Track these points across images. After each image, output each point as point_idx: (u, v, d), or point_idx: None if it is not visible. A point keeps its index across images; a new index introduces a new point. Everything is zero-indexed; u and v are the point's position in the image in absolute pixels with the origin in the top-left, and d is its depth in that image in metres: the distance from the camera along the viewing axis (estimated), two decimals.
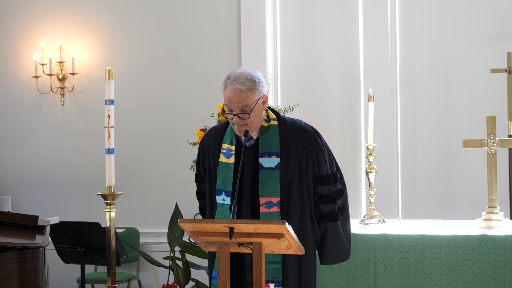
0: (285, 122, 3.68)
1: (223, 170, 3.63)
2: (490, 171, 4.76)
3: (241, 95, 3.52)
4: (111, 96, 4.62)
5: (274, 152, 3.60)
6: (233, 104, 3.53)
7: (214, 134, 3.77)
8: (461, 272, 4.33)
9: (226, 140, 3.68)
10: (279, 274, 3.56)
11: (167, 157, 7.08)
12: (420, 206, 6.53)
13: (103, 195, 4.65)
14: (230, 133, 3.68)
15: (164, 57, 7.11)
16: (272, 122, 3.66)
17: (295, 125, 3.69)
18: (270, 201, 3.56)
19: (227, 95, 3.55)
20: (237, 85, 3.52)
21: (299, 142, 3.63)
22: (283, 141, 3.62)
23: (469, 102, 6.42)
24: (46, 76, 7.30)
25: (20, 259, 4.63)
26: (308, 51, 6.80)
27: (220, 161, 3.66)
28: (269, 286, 3.52)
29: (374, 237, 4.46)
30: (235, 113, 3.53)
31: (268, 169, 3.59)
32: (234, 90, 3.52)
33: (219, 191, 3.63)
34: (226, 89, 3.56)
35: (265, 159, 3.60)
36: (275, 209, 3.55)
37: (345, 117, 6.69)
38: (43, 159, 7.44)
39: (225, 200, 3.60)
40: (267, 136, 3.62)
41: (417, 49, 6.57)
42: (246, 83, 3.53)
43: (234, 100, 3.52)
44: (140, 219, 7.11)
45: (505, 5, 6.37)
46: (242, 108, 3.52)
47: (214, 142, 3.73)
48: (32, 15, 7.44)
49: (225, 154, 3.65)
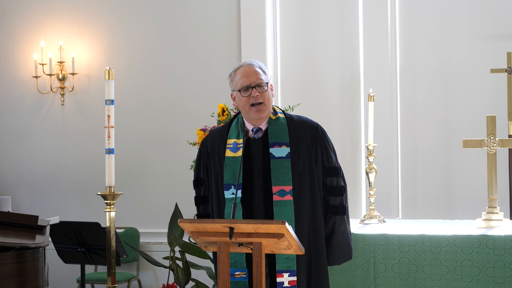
0: (291, 116, 3.75)
1: (230, 164, 3.63)
2: (490, 171, 4.76)
3: (255, 71, 3.61)
4: (111, 96, 4.62)
5: (284, 142, 3.62)
6: (250, 78, 3.59)
7: (217, 133, 3.79)
8: (461, 272, 4.32)
9: (231, 135, 3.69)
10: (293, 263, 3.56)
11: (167, 157, 7.08)
12: (420, 206, 6.53)
13: (103, 195, 4.64)
14: (235, 128, 3.69)
15: (164, 57, 7.11)
16: (279, 115, 3.69)
17: (301, 119, 3.76)
18: (283, 190, 3.57)
19: (241, 74, 3.61)
20: (249, 64, 3.63)
21: (307, 134, 3.68)
22: (292, 132, 3.65)
23: (469, 102, 6.42)
24: (46, 76, 7.31)
25: (20, 259, 4.62)
26: (308, 51, 6.80)
27: (226, 156, 3.66)
28: (283, 276, 3.51)
29: (374, 237, 4.46)
30: (253, 86, 3.58)
31: (279, 158, 3.60)
32: (250, 67, 3.62)
33: (228, 185, 3.62)
34: (238, 72, 3.64)
35: (276, 149, 3.61)
36: (288, 198, 3.56)
37: (345, 117, 6.69)
38: (43, 159, 7.44)
39: (234, 194, 3.59)
40: (276, 126, 3.65)
41: (417, 49, 6.57)
42: (256, 64, 3.65)
43: (251, 73, 3.60)
44: (140, 219, 7.11)
45: (505, 5, 6.37)
46: (259, 83, 3.59)
47: (219, 140, 3.73)
48: (32, 15, 7.45)
49: (232, 149, 3.65)
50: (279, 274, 3.53)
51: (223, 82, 6.87)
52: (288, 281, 3.53)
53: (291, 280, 3.53)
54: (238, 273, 3.50)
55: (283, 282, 3.52)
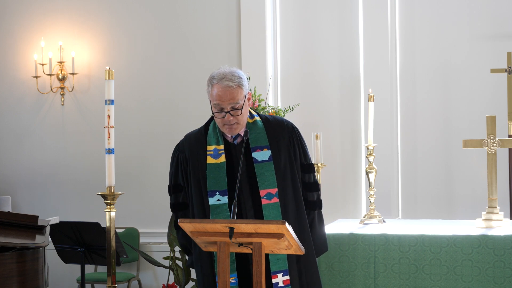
0: (266, 118, 3.75)
1: (213, 170, 3.63)
2: (490, 171, 4.76)
3: (232, 92, 3.52)
4: (111, 96, 4.61)
5: (265, 145, 3.64)
6: (224, 102, 3.52)
7: (194, 139, 3.78)
8: (461, 272, 4.33)
9: (210, 142, 3.68)
10: (284, 263, 3.59)
11: (167, 157, 6.98)
12: (420, 206, 6.53)
13: (103, 195, 4.64)
14: (213, 134, 3.69)
15: (164, 57, 7.11)
16: (256, 118, 3.70)
17: (276, 119, 3.76)
18: (269, 193, 3.59)
19: (216, 94, 3.54)
20: (226, 82, 3.53)
21: (285, 134, 3.69)
22: (270, 134, 3.66)
23: (469, 102, 6.43)
24: (46, 76, 7.31)
25: (20, 259, 4.62)
26: (308, 51, 6.80)
27: (208, 163, 3.65)
28: (277, 276, 3.54)
29: (374, 237, 4.46)
30: (226, 110, 3.53)
31: (262, 162, 3.61)
32: (224, 88, 3.52)
33: (212, 192, 3.61)
34: (214, 88, 3.55)
35: (258, 153, 3.62)
36: (275, 200, 3.59)
37: (345, 117, 6.69)
38: (43, 159, 7.44)
39: (220, 200, 3.59)
40: (255, 130, 3.65)
41: (417, 49, 6.57)
42: (234, 79, 3.55)
43: (226, 97, 3.52)
44: (140, 219, 7.11)
45: (505, 5, 6.37)
46: (233, 105, 3.53)
47: (197, 146, 3.72)
48: (32, 15, 7.45)
49: (213, 155, 3.65)
50: (274, 275, 3.55)
51: None
52: (282, 281, 3.55)
53: (285, 279, 3.57)
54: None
55: (278, 282, 3.55)
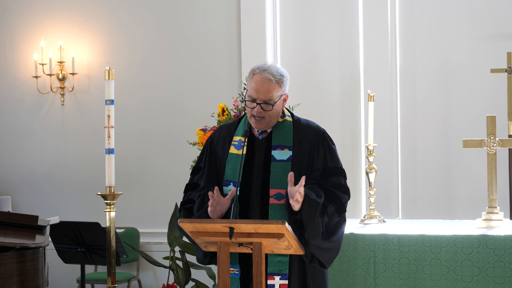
0: (299, 120, 3.71)
1: (232, 161, 3.62)
2: (490, 171, 4.76)
3: (269, 86, 3.52)
4: (111, 96, 4.62)
5: (287, 146, 3.60)
6: (259, 93, 3.51)
7: (225, 128, 3.77)
8: (461, 272, 4.33)
9: (238, 133, 3.67)
10: (285, 267, 3.54)
11: (167, 157, 7.08)
12: (420, 206, 6.53)
13: (103, 195, 4.65)
14: (243, 126, 3.67)
15: (164, 57, 7.11)
16: (286, 118, 3.67)
17: (308, 122, 3.71)
18: (280, 193, 3.54)
19: (253, 83, 3.53)
20: (267, 74, 3.53)
21: (311, 138, 3.63)
22: (296, 136, 3.62)
23: (469, 102, 6.42)
24: (46, 76, 7.30)
25: (20, 259, 4.63)
26: (308, 51, 6.80)
27: (230, 153, 3.64)
28: (274, 279, 3.50)
29: (374, 237, 4.46)
30: (258, 102, 3.52)
31: (279, 161, 3.58)
32: (263, 79, 3.52)
33: (227, 181, 3.61)
34: (254, 78, 3.55)
35: (278, 152, 3.60)
36: (284, 202, 3.54)
37: (345, 117, 6.69)
38: (43, 159, 7.44)
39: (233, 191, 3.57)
40: (281, 129, 3.62)
41: (417, 49, 6.57)
42: (276, 75, 3.55)
43: (261, 88, 3.51)
44: (140, 219, 7.11)
45: (505, 5, 6.37)
46: (266, 100, 3.52)
47: (225, 135, 3.71)
48: (32, 15, 7.44)
49: (236, 146, 3.64)
50: (270, 276, 3.51)
51: (223, 82, 6.95)
52: (279, 284, 3.51)
53: (282, 283, 3.51)
54: (231, 269, 3.48)
55: (274, 285, 3.50)
